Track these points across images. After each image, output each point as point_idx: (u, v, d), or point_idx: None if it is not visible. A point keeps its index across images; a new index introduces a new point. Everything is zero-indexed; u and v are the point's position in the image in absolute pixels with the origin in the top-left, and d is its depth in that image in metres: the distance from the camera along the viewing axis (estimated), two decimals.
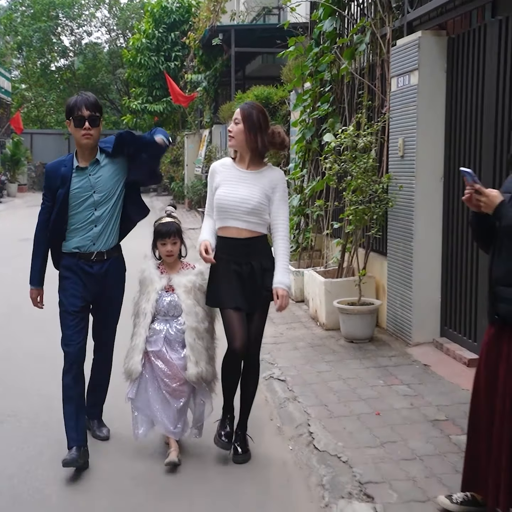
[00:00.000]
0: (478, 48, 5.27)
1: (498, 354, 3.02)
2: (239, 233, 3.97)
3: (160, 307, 4.10)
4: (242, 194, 3.94)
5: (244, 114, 3.94)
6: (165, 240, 4.11)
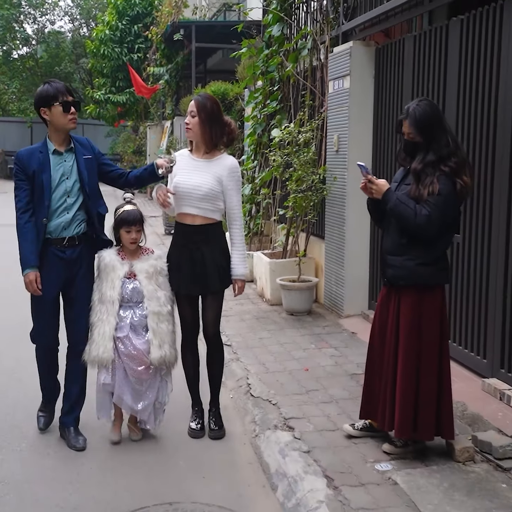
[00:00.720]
0: (399, 58, 6.09)
1: (387, 310, 3.85)
2: (193, 220, 4.17)
3: (124, 294, 4.15)
4: (194, 181, 4.13)
5: (198, 106, 4.13)
6: (130, 228, 4.14)
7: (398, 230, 3.73)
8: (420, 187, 3.62)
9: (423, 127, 3.64)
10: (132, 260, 4.22)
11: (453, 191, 3.59)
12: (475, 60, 4.89)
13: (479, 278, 4.88)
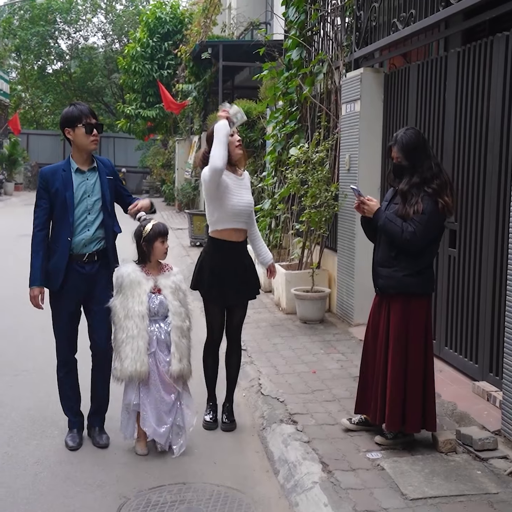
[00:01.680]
0: (404, 85, 6.56)
1: (379, 316, 4.32)
2: (239, 236, 4.66)
3: (151, 308, 4.31)
4: (247, 199, 4.68)
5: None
6: (164, 237, 4.38)
7: (388, 244, 4.20)
8: (406, 206, 4.10)
9: (409, 152, 4.12)
10: (155, 275, 4.40)
11: (436, 210, 4.05)
12: (469, 89, 5.34)
13: (472, 289, 5.31)
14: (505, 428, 4.31)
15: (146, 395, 4.31)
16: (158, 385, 4.31)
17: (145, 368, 4.22)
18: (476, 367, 5.24)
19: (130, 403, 4.32)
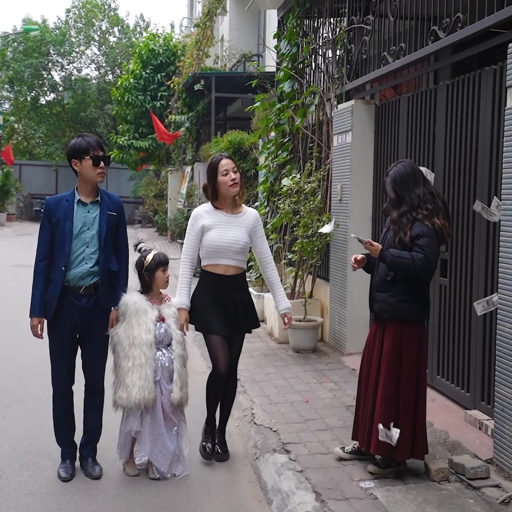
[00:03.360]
0: (395, 116, 6.67)
1: (374, 341, 4.36)
2: (226, 270, 4.59)
3: (157, 336, 4.43)
4: (232, 236, 4.56)
5: (235, 163, 4.67)
6: (165, 267, 4.51)
7: (385, 270, 4.26)
8: (400, 234, 4.17)
9: (396, 185, 4.26)
10: (158, 305, 4.54)
11: (434, 231, 4.13)
12: (458, 121, 5.44)
13: (463, 318, 5.35)
14: (497, 456, 4.32)
15: (147, 423, 4.40)
16: (160, 414, 4.41)
17: (153, 396, 4.33)
18: (468, 396, 5.26)
19: (132, 430, 4.40)
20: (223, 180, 4.56)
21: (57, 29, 39.04)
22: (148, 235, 24.83)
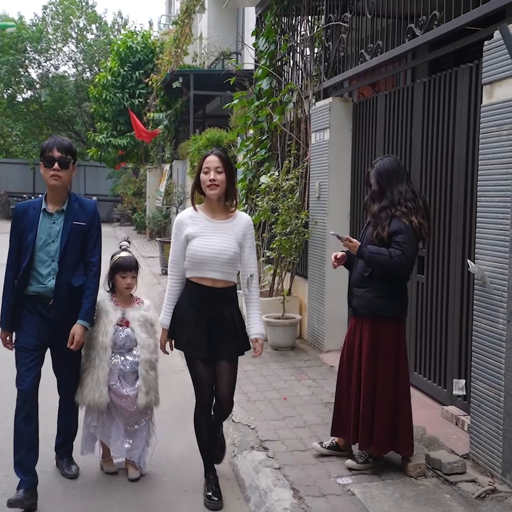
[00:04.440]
0: (373, 114, 6.68)
1: (354, 337, 4.37)
2: (213, 283, 3.98)
3: (117, 341, 4.29)
4: (219, 245, 3.95)
5: (224, 161, 3.98)
6: (125, 273, 4.33)
7: (363, 266, 4.27)
8: (378, 229, 4.19)
9: (381, 178, 4.26)
10: (124, 307, 4.38)
11: (411, 229, 4.14)
12: (435, 118, 5.46)
13: (440, 315, 5.37)
14: (473, 451, 4.35)
15: (107, 419, 4.37)
16: (119, 416, 4.36)
17: (103, 400, 4.23)
18: (445, 391, 5.28)
19: (89, 425, 4.39)
20: (202, 179, 4.00)
21: (34, 25, 38.63)
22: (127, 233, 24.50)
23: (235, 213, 4.11)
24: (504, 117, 4.07)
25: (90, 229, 4.17)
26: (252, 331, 4.13)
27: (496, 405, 4.11)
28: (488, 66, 4.24)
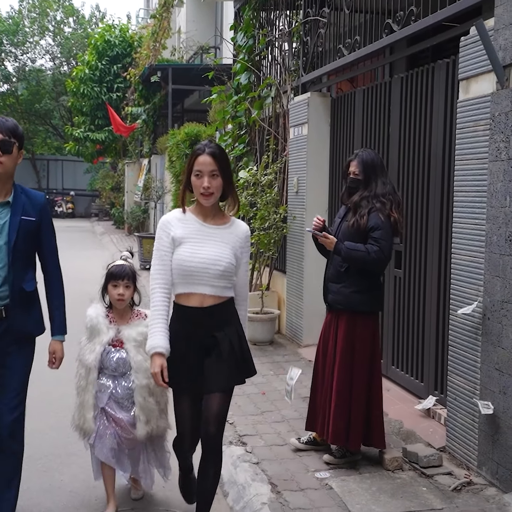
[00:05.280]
0: (351, 109, 6.70)
1: (329, 332, 4.39)
2: (201, 301, 3.31)
3: (108, 364, 3.80)
4: (212, 254, 3.29)
5: (219, 162, 3.29)
6: (117, 282, 3.77)
7: (339, 261, 4.28)
8: (357, 217, 4.20)
9: (367, 167, 4.28)
10: (121, 324, 3.84)
11: (388, 223, 4.16)
12: (413, 113, 5.49)
13: (417, 309, 5.41)
14: (449, 444, 4.39)
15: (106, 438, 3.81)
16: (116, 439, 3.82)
17: (88, 426, 3.77)
18: (422, 385, 5.32)
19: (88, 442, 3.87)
20: (194, 183, 3.32)
21: (10, 18, 38.18)
22: (105, 228, 24.58)
23: (231, 219, 3.45)
24: (480, 112, 4.10)
25: (41, 224, 3.54)
26: None
27: (472, 398, 4.15)
28: (464, 62, 4.26)
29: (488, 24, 4.00)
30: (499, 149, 3.91)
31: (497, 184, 3.92)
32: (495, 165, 3.94)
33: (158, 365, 3.28)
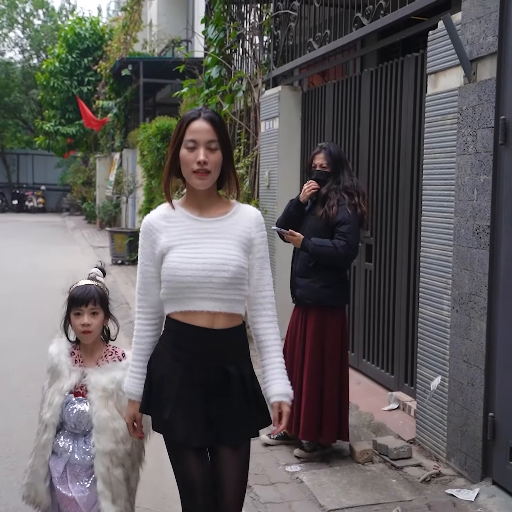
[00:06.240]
0: (321, 103, 6.70)
1: (296, 326, 4.40)
2: (210, 321, 2.44)
3: (66, 418, 2.86)
4: (213, 257, 2.44)
5: (219, 130, 2.47)
6: (80, 308, 2.85)
7: (306, 256, 4.28)
8: (326, 208, 4.21)
9: (335, 159, 4.31)
10: (88, 364, 2.91)
11: (355, 217, 4.17)
12: (382, 107, 5.50)
13: (387, 302, 5.44)
14: (419, 436, 4.42)
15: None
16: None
17: (41, 501, 2.90)
18: (392, 378, 5.36)
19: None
20: (185, 158, 2.45)
21: None
22: (76, 223, 24.38)
23: (236, 205, 2.58)
24: (448, 106, 4.12)
25: None
26: (272, 391, 2.54)
27: (441, 390, 4.19)
28: (433, 56, 4.28)
29: (456, 18, 4.02)
30: (466, 143, 3.94)
31: (465, 177, 3.95)
32: (463, 159, 3.97)
33: (128, 415, 2.64)
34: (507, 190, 3.66)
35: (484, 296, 3.78)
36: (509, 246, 3.65)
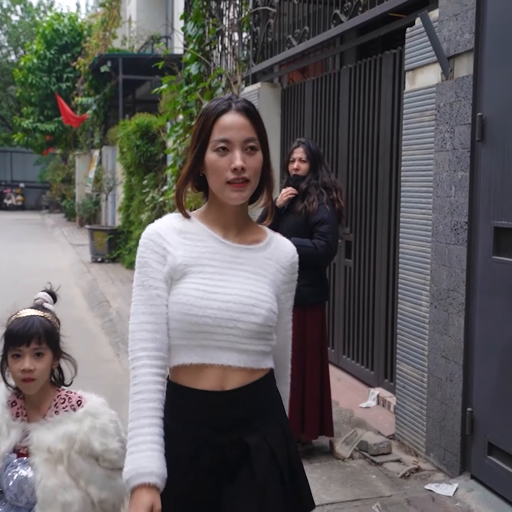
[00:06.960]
0: (301, 99, 6.71)
1: None
2: (224, 381, 1.84)
3: (5, 486, 2.19)
4: (240, 294, 1.87)
5: (257, 128, 1.94)
6: (18, 349, 2.18)
7: None
8: (306, 204, 4.22)
9: (313, 154, 4.32)
10: (33, 418, 2.24)
11: (334, 215, 4.18)
12: (361, 104, 5.51)
13: (367, 299, 5.46)
14: (398, 432, 4.44)
15: None
16: None
17: None
18: (372, 374, 5.38)
19: None
20: (214, 165, 1.86)
21: None
22: (56, 221, 24.21)
23: (269, 234, 2.03)
24: (425, 103, 4.14)
25: None
26: None
27: (420, 385, 4.21)
28: (410, 53, 4.30)
29: (433, 15, 4.03)
30: (444, 139, 3.96)
31: (443, 174, 3.97)
32: (441, 155, 3.99)
33: (145, 507, 1.70)
34: (484, 186, 3.68)
35: (462, 292, 3.80)
36: (486, 242, 3.67)
